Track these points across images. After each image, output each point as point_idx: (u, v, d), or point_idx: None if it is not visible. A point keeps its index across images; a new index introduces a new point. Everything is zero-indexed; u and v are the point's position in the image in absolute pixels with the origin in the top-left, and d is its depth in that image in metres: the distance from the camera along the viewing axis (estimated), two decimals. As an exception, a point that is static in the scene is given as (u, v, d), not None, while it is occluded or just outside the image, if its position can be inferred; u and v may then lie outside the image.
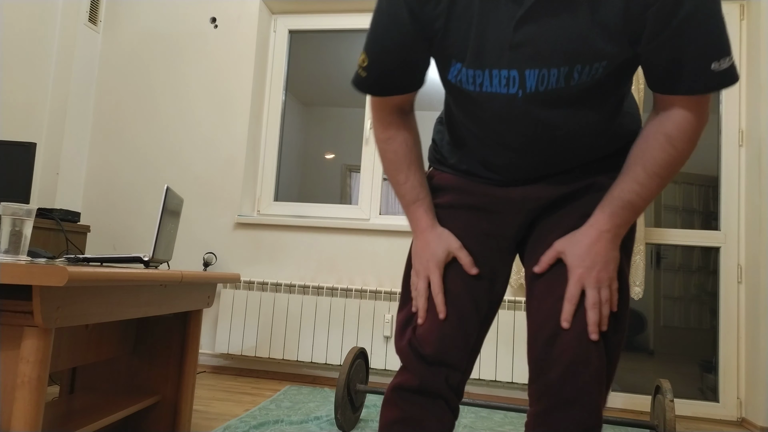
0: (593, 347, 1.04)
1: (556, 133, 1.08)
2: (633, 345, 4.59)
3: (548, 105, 1.04)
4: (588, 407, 1.04)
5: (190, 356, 2.19)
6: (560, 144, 1.10)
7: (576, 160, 1.15)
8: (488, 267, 1.21)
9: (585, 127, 1.09)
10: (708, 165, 4.83)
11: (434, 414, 1.16)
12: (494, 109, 1.08)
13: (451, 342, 1.15)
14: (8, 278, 1.27)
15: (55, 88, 3.69)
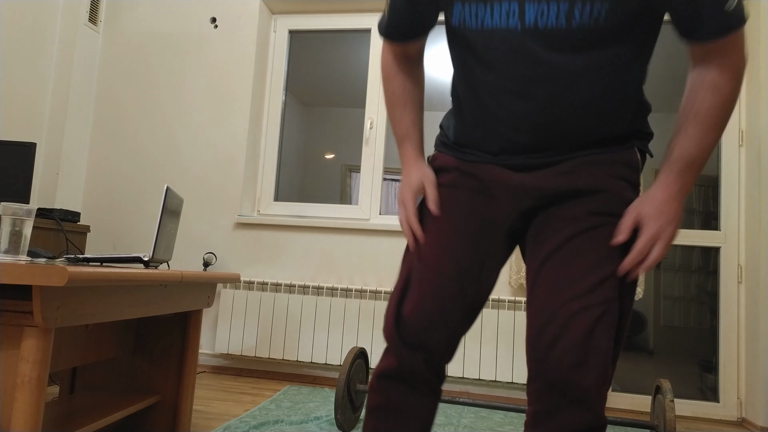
0: (596, 349, 1.04)
1: (557, 81, 1.08)
2: (633, 345, 4.58)
3: (550, 47, 1.05)
4: (592, 408, 1.05)
5: (190, 356, 2.19)
6: (560, 97, 1.09)
7: (576, 130, 1.13)
8: (480, 252, 1.22)
9: (588, 82, 1.08)
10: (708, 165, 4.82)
11: (415, 399, 1.23)
12: (496, 49, 1.09)
13: (430, 324, 1.18)
14: (8, 278, 1.27)
15: (56, 88, 3.69)
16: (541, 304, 1.10)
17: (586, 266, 1.08)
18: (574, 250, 1.10)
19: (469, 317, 1.23)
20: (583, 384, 1.04)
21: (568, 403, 1.05)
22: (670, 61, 4.46)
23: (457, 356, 3.21)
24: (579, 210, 1.13)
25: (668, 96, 5.12)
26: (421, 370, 1.21)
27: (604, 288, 1.07)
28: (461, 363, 3.20)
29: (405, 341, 1.20)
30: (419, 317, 1.18)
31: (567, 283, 1.08)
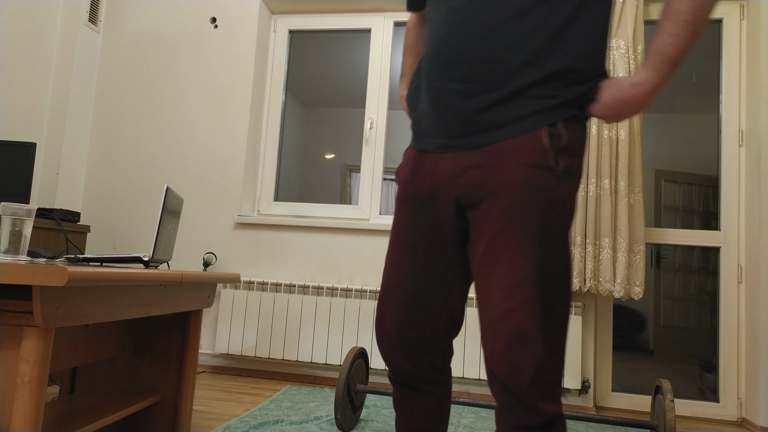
0: (523, 350, 1.08)
1: (493, 15, 1.16)
2: (633, 345, 4.59)
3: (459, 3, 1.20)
4: (532, 407, 1.09)
5: (190, 356, 2.19)
6: (490, 24, 1.16)
7: (495, 49, 1.15)
8: (439, 256, 1.27)
9: (522, 17, 1.14)
10: (708, 165, 4.83)
11: (421, 396, 1.33)
12: (437, 12, 1.25)
13: (408, 335, 1.28)
14: (8, 278, 1.27)
15: (55, 88, 3.69)
16: (480, 315, 1.16)
17: (505, 270, 1.10)
18: (493, 255, 1.12)
19: (451, 319, 1.30)
20: (518, 386, 1.08)
21: (513, 404, 1.10)
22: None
23: (457, 356, 3.21)
24: (490, 212, 1.14)
25: (667, 97, 5.12)
26: (417, 372, 1.31)
27: (523, 287, 1.08)
28: (461, 363, 3.20)
29: (392, 351, 1.31)
30: (396, 330, 1.29)
31: (493, 291, 1.11)
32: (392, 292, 1.29)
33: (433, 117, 1.23)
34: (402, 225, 1.31)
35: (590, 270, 3.09)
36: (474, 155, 1.17)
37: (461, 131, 1.19)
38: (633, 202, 3.14)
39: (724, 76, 3.37)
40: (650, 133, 5.00)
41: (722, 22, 3.40)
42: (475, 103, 1.16)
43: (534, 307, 1.08)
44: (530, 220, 1.10)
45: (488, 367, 1.12)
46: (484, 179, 1.15)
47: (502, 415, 1.12)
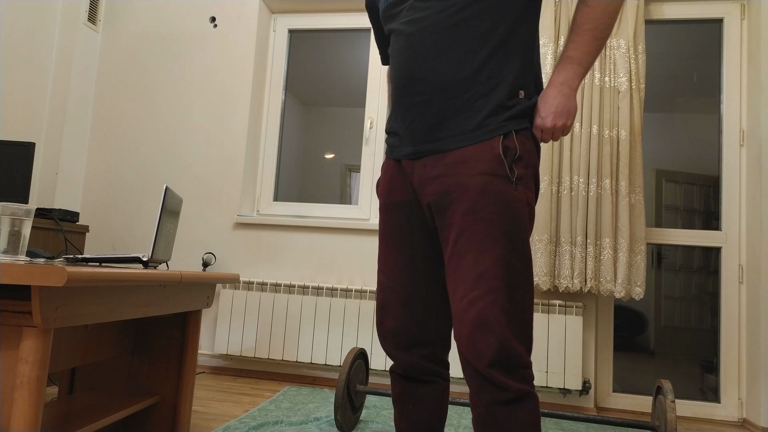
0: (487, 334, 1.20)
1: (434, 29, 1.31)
2: (634, 345, 4.58)
3: (414, 23, 1.33)
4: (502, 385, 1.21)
5: (190, 357, 2.19)
6: (430, 38, 1.32)
7: (443, 75, 1.31)
8: (424, 256, 1.41)
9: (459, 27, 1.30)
10: (709, 165, 4.82)
11: (423, 388, 1.44)
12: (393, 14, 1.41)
13: (408, 331, 1.41)
14: (7, 278, 1.26)
15: (55, 88, 3.68)
16: (451, 308, 1.31)
17: (468, 265, 1.23)
18: (458, 253, 1.25)
19: (448, 312, 1.44)
20: (483, 366, 1.20)
21: (483, 384, 1.22)
22: (669, 61, 4.46)
23: (456, 357, 3.20)
24: (454, 216, 1.28)
25: (668, 96, 5.12)
26: (422, 365, 1.43)
27: (485, 279, 1.21)
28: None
29: (397, 349, 1.43)
30: (399, 328, 1.41)
31: (458, 285, 1.24)
32: (390, 293, 1.42)
33: (403, 128, 1.39)
34: (390, 230, 1.44)
35: (591, 270, 3.08)
36: (439, 165, 1.32)
37: (427, 138, 1.34)
38: (634, 202, 3.13)
39: (724, 75, 3.36)
40: (651, 133, 5.00)
41: (723, 21, 3.39)
42: (437, 112, 1.32)
43: (495, 296, 1.21)
44: (489, 220, 1.24)
45: (460, 353, 1.26)
46: (448, 188, 1.29)
47: (476, 396, 1.24)
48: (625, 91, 3.17)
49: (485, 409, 1.22)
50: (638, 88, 3.19)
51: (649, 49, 3.28)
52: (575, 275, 3.09)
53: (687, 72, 4.64)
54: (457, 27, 1.29)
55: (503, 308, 1.20)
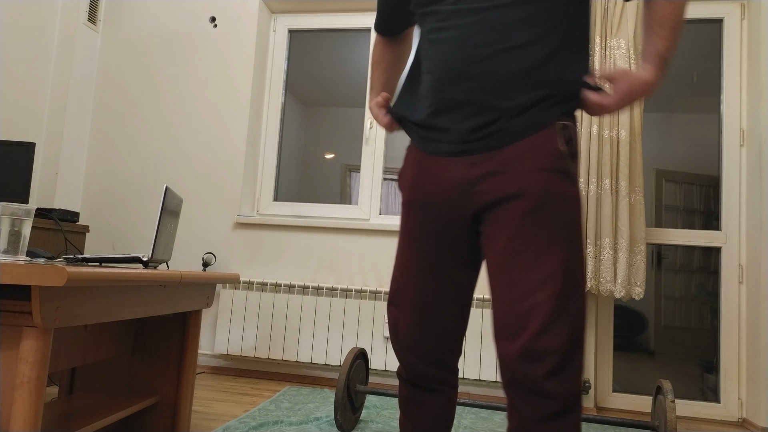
0: (549, 343, 1.12)
1: (499, 25, 1.22)
2: (634, 345, 4.59)
3: (469, 15, 1.23)
4: (553, 396, 1.13)
5: (190, 357, 2.19)
6: (495, 33, 1.22)
7: (502, 58, 1.21)
8: (448, 259, 1.32)
9: (525, 22, 1.21)
10: (709, 165, 4.82)
11: (431, 396, 1.39)
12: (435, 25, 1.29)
13: (424, 335, 1.34)
14: (7, 278, 1.26)
15: (55, 88, 3.68)
16: (497, 306, 1.20)
17: (529, 265, 1.16)
18: (514, 253, 1.17)
19: (461, 316, 1.36)
20: (536, 376, 1.12)
21: (530, 393, 1.14)
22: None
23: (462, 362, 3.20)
24: (512, 213, 1.19)
25: (668, 96, 5.12)
26: (430, 372, 1.36)
27: (551, 283, 1.14)
28: (461, 364, 3.20)
29: (407, 352, 1.36)
30: (410, 332, 1.34)
31: (514, 285, 1.16)
32: (405, 294, 1.35)
33: (446, 122, 1.27)
34: (411, 229, 1.35)
35: (591, 270, 3.08)
36: (490, 162, 1.22)
37: (476, 135, 1.23)
38: (634, 202, 3.13)
39: (724, 75, 3.36)
40: (651, 133, 5.00)
41: (723, 21, 3.39)
42: (490, 109, 1.22)
43: (558, 301, 1.13)
44: (553, 220, 1.17)
45: (507, 358, 1.16)
46: (503, 184, 1.20)
47: (521, 406, 1.15)
48: (625, 91, 3.17)
49: (532, 424, 1.14)
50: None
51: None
52: (575, 275, 3.08)
53: (687, 72, 4.64)
54: (521, 23, 1.21)
55: (565, 314, 1.14)
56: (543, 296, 1.13)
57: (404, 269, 1.36)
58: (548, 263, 1.15)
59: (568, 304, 1.15)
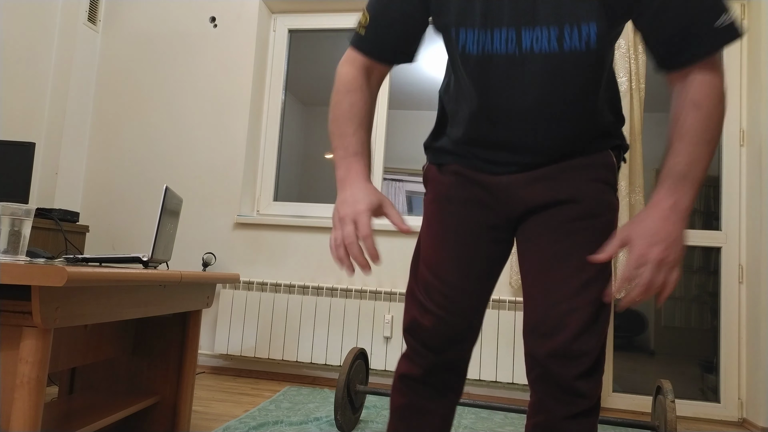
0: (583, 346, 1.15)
1: (548, 97, 1.14)
2: (634, 345, 4.58)
3: (545, 69, 1.11)
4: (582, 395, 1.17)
5: (190, 357, 2.19)
6: (545, 107, 1.15)
7: (560, 134, 1.19)
8: (481, 258, 1.28)
9: (574, 94, 1.14)
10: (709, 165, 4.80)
11: (438, 399, 1.31)
12: (497, 70, 1.14)
13: (450, 333, 1.26)
14: (7, 278, 1.26)
15: (55, 88, 3.68)
16: (534, 305, 1.19)
17: (572, 269, 1.15)
18: (560, 254, 1.17)
19: (480, 316, 1.31)
20: (570, 376, 1.14)
21: (562, 391, 1.15)
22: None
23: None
24: (561, 216, 1.19)
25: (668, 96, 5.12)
26: (445, 372, 1.30)
27: (590, 289, 1.15)
28: (461, 363, 3.19)
29: (429, 349, 1.28)
30: (439, 327, 1.26)
31: (556, 286, 1.16)
32: (436, 293, 1.27)
33: (502, 157, 1.24)
34: (446, 223, 1.28)
35: (591, 270, 3.08)
36: (542, 170, 1.22)
37: (538, 158, 1.22)
38: (634, 202, 3.13)
39: (725, 75, 3.36)
40: (651, 133, 5.00)
41: (723, 21, 3.38)
42: (551, 156, 1.22)
43: (595, 307, 1.15)
44: (600, 229, 1.18)
45: (534, 353, 1.17)
46: (556, 188, 1.20)
47: (551, 403, 1.17)
48: (626, 91, 3.17)
49: (561, 420, 1.17)
50: (638, 87, 3.19)
51: (649, 49, 3.27)
52: (575, 275, 3.08)
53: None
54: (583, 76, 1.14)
55: (601, 320, 1.17)
56: (583, 301, 1.14)
57: (436, 266, 1.28)
58: (590, 269, 1.15)
59: (603, 310, 1.17)
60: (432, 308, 1.26)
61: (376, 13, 1.20)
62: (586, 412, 1.18)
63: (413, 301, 1.30)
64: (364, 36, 1.22)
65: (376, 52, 1.24)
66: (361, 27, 1.22)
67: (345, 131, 1.21)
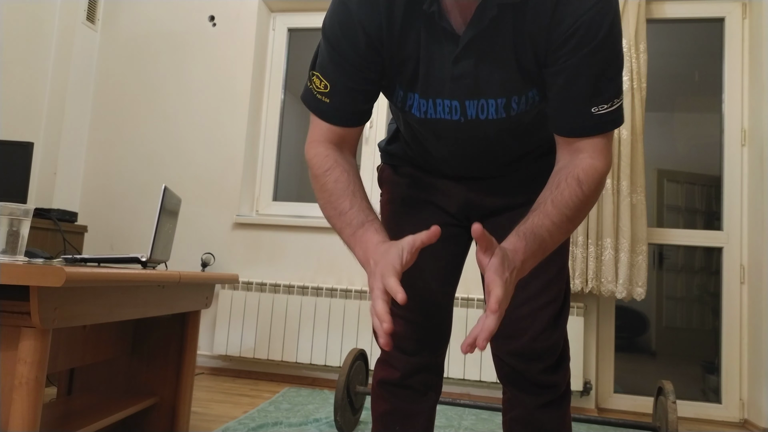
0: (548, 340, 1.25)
1: (493, 143, 1.21)
2: (635, 346, 4.58)
3: (488, 127, 1.16)
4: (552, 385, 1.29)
5: (188, 357, 2.18)
6: (497, 148, 1.24)
7: (510, 161, 1.28)
8: (444, 256, 1.33)
9: (521, 135, 1.22)
10: (710, 164, 4.81)
11: (420, 401, 1.34)
12: (439, 131, 1.19)
13: (429, 335, 1.31)
14: (6, 278, 1.26)
15: (53, 87, 3.67)
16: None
17: (535, 272, 1.13)
18: None
19: (449, 314, 1.37)
20: (537, 371, 1.25)
21: (531, 385, 1.27)
22: (670, 60, 4.45)
23: (458, 358, 3.19)
24: (518, 219, 1.14)
25: (669, 96, 5.11)
26: (423, 372, 1.33)
27: (551, 290, 1.25)
28: (462, 365, 3.19)
29: (405, 353, 1.31)
30: (412, 331, 1.29)
31: (522, 288, 1.20)
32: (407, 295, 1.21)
33: (453, 175, 1.33)
34: (405, 225, 1.29)
35: (592, 270, 3.07)
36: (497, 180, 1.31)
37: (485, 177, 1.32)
38: (635, 202, 3.12)
39: (726, 75, 3.36)
40: (652, 133, 4.99)
41: (724, 21, 3.38)
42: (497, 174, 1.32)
43: (557, 305, 1.27)
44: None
45: (510, 355, 1.26)
46: (511, 192, 1.29)
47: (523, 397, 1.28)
48: (627, 91, 3.16)
49: (535, 410, 1.27)
50: (640, 87, 3.18)
51: (651, 49, 3.27)
52: (576, 275, 3.08)
53: (688, 71, 4.63)
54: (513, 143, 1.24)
55: (563, 317, 1.28)
56: (544, 302, 1.24)
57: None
58: (550, 271, 1.25)
59: (564, 307, 1.29)
60: (400, 312, 1.28)
61: (336, 76, 1.13)
62: (558, 400, 1.28)
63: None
64: (329, 105, 1.14)
65: (347, 118, 1.16)
66: (319, 94, 1.15)
67: (341, 209, 1.10)
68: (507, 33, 1.04)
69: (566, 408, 1.31)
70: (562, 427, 1.31)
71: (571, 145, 1.08)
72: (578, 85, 1.04)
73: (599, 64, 1.02)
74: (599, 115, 1.04)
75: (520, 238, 1.00)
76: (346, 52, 1.11)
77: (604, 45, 1.01)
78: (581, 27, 1.00)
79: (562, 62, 1.03)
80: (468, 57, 1.07)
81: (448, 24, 1.05)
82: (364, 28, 1.08)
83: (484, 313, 0.90)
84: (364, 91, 1.14)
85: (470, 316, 3.22)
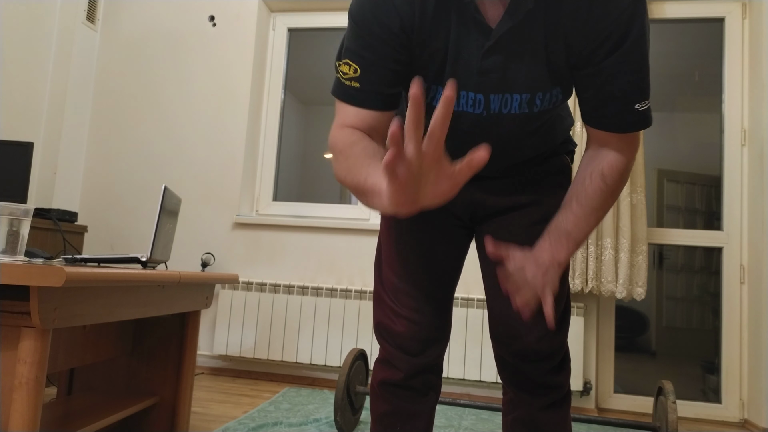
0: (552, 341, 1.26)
1: (510, 138, 1.20)
2: (635, 346, 4.58)
3: (510, 123, 1.16)
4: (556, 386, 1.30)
5: (188, 357, 2.18)
6: (510, 147, 1.23)
7: (521, 160, 1.28)
8: (445, 256, 1.33)
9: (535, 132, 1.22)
10: (710, 164, 4.82)
11: (420, 401, 1.34)
12: (456, 125, 1.16)
13: (423, 334, 1.30)
14: (6, 278, 1.26)
15: (53, 87, 3.66)
16: (498, 310, 1.28)
17: None
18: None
19: (449, 313, 1.36)
20: (541, 371, 1.26)
21: (535, 386, 1.28)
22: (670, 60, 4.45)
23: (458, 358, 3.19)
24: (523, 220, 1.27)
25: (669, 96, 5.12)
26: (425, 372, 1.33)
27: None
28: (462, 365, 3.19)
29: (407, 353, 1.31)
30: (414, 331, 1.29)
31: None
32: (404, 295, 1.30)
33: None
34: (406, 226, 1.33)
35: (592, 270, 3.07)
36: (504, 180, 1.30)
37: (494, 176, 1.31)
38: (635, 202, 3.12)
39: (726, 74, 3.36)
40: (652, 133, 5.00)
41: (724, 21, 3.38)
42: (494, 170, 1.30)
43: (560, 305, 1.28)
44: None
45: (506, 353, 1.28)
46: (518, 192, 1.29)
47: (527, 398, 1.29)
48: (627, 91, 3.16)
49: (538, 411, 1.29)
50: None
51: (651, 49, 3.27)
52: (576, 275, 3.08)
53: (688, 71, 4.63)
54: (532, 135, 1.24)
55: (565, 318, 1.29)
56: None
57: (400, 268, 1.31)
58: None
59: (567, 308, 1.30)
60: (403, 313, 1.29)
61: (366, 60, 1.10)
62: (560, 401, 1.30)
63: (382, 305, 1.33)
64: (359, 88, 1.08)
65: (377, 100, 1.09)
66: (349, 80, 1.10)
67: (360, 169, 0.94)
68: (540, 28, 1.04)
69: (567, 409, 1.32)
70: (564, 428, 1.32)
71: (607, 139, 1.11)
72: (621, 83, 1.05)
73: (640, 61, 1.04)
74: (641, 111, 1.07)
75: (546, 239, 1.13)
76: (377, 32, 1.11)
77: (643, 42, 1.03)
78: (621, 26, 1.01)
79: (600, 60, 1.04)
80: (499, 50, 1.06)
81: (481, 16, 1.04)
82: (398, 11, 1.08)
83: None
84: (393, 71, 1.08)
85: (470, 316, 3.21)
